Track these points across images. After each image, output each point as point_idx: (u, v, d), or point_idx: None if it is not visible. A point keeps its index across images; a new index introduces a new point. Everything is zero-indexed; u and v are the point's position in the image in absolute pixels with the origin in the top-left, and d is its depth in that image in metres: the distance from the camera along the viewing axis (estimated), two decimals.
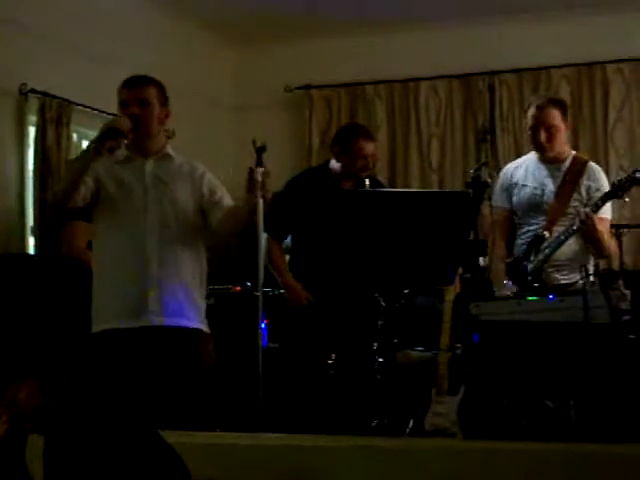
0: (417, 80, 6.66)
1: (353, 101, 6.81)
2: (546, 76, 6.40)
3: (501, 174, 4.35)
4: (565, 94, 6.20)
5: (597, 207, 3.85)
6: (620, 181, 3.84)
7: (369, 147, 4.36)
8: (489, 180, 3.82)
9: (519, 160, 4.34)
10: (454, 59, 6.53)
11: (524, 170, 4.17)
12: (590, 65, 6.33)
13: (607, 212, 4.03)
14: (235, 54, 7.03)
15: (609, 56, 6.26)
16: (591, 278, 3.48)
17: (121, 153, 3.48)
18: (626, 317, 3.40)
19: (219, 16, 6.34)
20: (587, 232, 3.85)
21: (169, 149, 3.64)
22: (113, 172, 3.50)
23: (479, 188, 3.69)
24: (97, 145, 3.27)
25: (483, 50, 6.42)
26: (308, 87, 6.83)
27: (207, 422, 3.48)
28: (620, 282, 3.79)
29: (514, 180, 4.18)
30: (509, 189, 4.20)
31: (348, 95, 6.82)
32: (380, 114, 6.73)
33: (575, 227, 3.85)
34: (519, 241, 4.11)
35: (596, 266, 4.02)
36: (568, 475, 2.32)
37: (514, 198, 4.16)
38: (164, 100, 3.62)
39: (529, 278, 3.92)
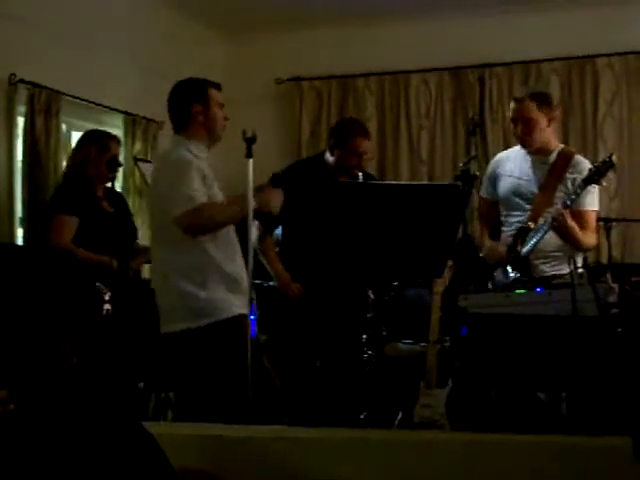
0: (407, 72, 6.66)
1: (343, 93, 6.81)
2: (536, 69, 6.40)
3: (489, 165, 4.38)
4: (555, 88, 6.21)
5: (577, 195, 3.87)
6: (596, 166, 3.86)
7: (364, 145, 4.40)
8: (478, 173, 3.84)
9: (507, 151, 4.36)
10: (444, 51, 6.52)
11: (510, 161, 4.20)
12: (580, 59, 6.34)
13: (593, 204, 4.04)
14: (225, 46, 7.01)
15: (599, 50, 6.27)
16: (579, 271, 3.49)
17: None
18: (614, 310, 3.41)
19: (209, 8, 6.32)
20: (559, 228, 3.88)
21: None
22: (208, 173, 3.62)
23: (468, 181, 3.70)
24: None
25: (474, 43, 6.42)
26: (298, 79, 6.82)
27: None
28: (608, 275, 3.80)
29: (499, 171, 4.21)
30: (494, 180, 4.23)
31: (338, 87, 6.82)
32: (370, 106, 6.72)
33: (548, 222, 3.88)
34: (505, 234, 4.12)
35: (584, 259, 4.04)
36: (556, 467, 2.32)
37: (499, 189, 4.19)
38: None
39: (515, 271, 3.94)
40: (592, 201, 4.03)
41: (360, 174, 4.29)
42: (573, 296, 3.22)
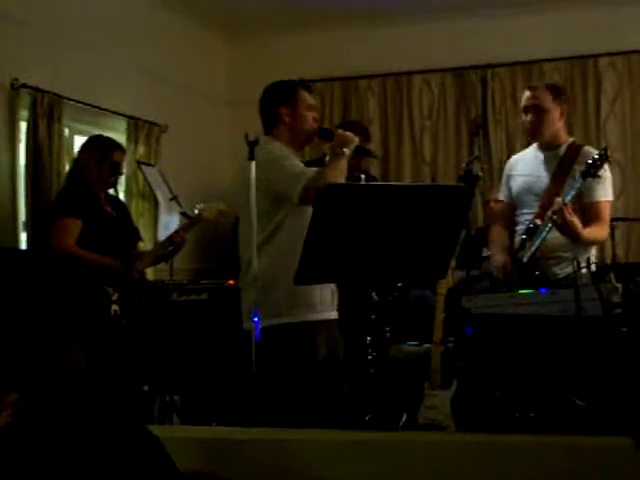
0: (410, 74, 6.67)
1: (346, 95, 6.82)
2: (539, 69, 6.41)
3: (505, 167, 4.38)
4: None
5: (577, 189, 3.84)
6: (593, 159, 3.83)
7: None
8: (480, 174, 3.82)
9: (520, 153, 4.34)
10: (447, 52, 6.53)
11: (522, 161, 4.18)
12: (583, 58, 6.35)
13: (604, 194, 3.99)
14: (228, 49, 7.02)
15: (602, 49, 6.28)
16: (583, 271, 3.48)
17: None
18: (618, 310, 3.41)
19: (212, 11, 6.33)
20: (559, 222, 3.82)
21: None
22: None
23: (471, 182, 3.69)
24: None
25: (476, 44, 6.43)
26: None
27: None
28: (612, 275, 3.80)
29: (512, 172, 4.20)
30: (508, 181, 4.22)
31: (341, 89, 6.83)
32: (373, 108, 6.73)
33: (549, 217, 3.83)
34: (517, 233, 4.11)
35: (588, 259, 4.03)
36: (561, 467, 2.32)
37: (512, 189, 4.18)
38: None
39: (525, 269, 3.93)
40: (604, 191, 3.96)
41: (362, 176, 4.30)
42: (577, 296, 3.22)
